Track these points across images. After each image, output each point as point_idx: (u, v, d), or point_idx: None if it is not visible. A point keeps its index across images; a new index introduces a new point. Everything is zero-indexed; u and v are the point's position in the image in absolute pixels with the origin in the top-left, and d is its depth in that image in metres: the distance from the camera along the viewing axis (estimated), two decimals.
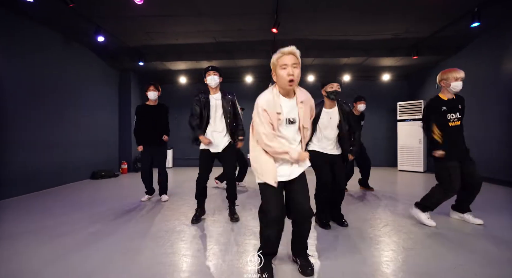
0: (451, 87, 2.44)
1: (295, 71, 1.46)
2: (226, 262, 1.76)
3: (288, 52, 1.46)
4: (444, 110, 2.46)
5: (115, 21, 4.16)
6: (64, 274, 1.62)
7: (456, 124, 2.47)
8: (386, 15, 4.04)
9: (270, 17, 4.06)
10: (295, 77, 1.46)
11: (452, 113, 2.46)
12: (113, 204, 3.32)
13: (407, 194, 3.88)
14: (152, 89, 3.49)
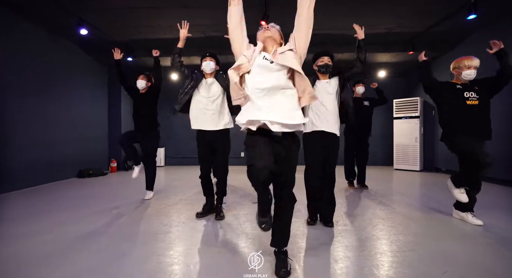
0: (462, 76, 2.38)
1: (271, 27, 1.62)
2: (221, 263, 1.63)
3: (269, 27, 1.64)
4: (459, 88, 2.38)
5: (97, 14, 4.02)
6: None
7: (474, 103, 2.33)
8: (377, 8, 3.90)
9: (260, 10, 3.92)
10: (271, 28, 1.60)
11: (470, 92, 2.35)
12: (98, 205, 3.18)
13: (401, 193, 3.74)
14: (141, 78, 3.37)
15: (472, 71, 2.37)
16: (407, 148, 6.12)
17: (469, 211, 2.42)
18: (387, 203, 3.12)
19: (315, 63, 2.37)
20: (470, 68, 2.37)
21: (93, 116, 5.76)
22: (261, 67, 1.47)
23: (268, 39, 1.59)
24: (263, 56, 1.51)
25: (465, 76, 2.37)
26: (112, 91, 6.34)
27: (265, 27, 1.62)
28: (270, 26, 1.63)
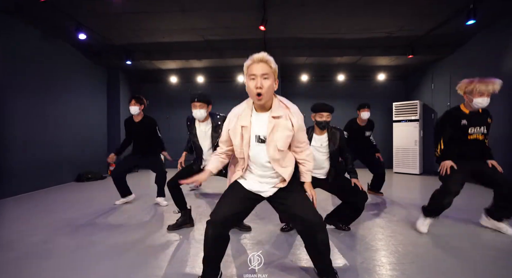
0: (473, 103, 2.10)
1: (265, 83, 1.26)
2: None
3: (258, 59, 1.27)
4: (463, 125, 2.19)
5: (96, 18, 4.00)
6: None
7: (478, 137, 2.20)
8: (378, 12, 3.89)
9: (258, 14, 3.90)
10: (264, 90, 1.25)
11: (476, 127, 2.18)
12: (96, 211, 3.16)
13: (401, 198, 3.72)
14: (133, 104, 3.22)
15: (485, 99, 2.06)
16: (407, 151, 6.11)
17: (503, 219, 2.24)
18: (386, 210, 3.10)
19: (313, 115, 2.27)
20: (483, 95, 2.05)
21: (92, 119, 5.74)
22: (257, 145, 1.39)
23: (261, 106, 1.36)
24: (256, 138, 1.37)
25: (476, 104, 2.10)
26: (111, 93, 6.31)
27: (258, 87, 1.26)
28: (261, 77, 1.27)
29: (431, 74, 5.95)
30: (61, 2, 3.52)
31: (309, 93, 7.15)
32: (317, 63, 6.03)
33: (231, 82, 7.21)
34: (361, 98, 7.00)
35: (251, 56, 1.29)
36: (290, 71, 6.53)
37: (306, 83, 7.03)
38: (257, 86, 1.25)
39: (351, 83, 7.02)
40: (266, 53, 1.30)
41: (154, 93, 7.42)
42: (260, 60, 1.27)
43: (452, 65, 5.25)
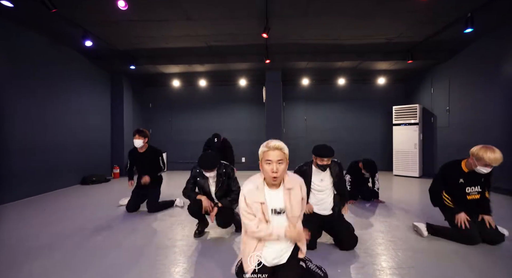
0: (476, 168, 2.19)
1: (280, 167, 1.41)
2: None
3: (274, 147, 1.42)
4: (461, 183, 2.30)
5: (102, 26, 4.09)
6: None
7: (475, 197, 2.32)
8: (377, 20, 3.98)
9: (261, 22, 3.98)
10: (279, 173, 1.41)
11: (472, 186, 2.30)
12: (101, 217, 3.24)
13: (401, 201, 3.80)
14: (138, 137, 3.31)
15: (489, 169, 2.16)
16: (407, 154, 6.19)
17: None
18: (386, 214, 3.18)
19: (315, 157, 2.30)
20: (488, 166, 2.13)
21: (96, 122, 5.83)
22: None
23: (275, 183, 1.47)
24: (273, 211, 1.48)
25: (479, 170, 2.19)
26: (115, 97, 6.40)
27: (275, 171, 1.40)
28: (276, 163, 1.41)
29: (431, 78, 6.03)
30: (68, 11, 3.60)
31: (310, 97, 7.25)
32: (318, 68, 6.11)
33: (233, 85, 7.30)
34: (361, 101, 7.12)
35: (267, 143, 1.45)
36: (292, 75, 6.62)
37: (307, 87, 7.12)
38: (273, 171, 1.40)
39: (351, 87, 7.10)
40: (281, 142, 1.46)
41: (157, 96, 7.52)
42: (276, 148, 1.42)
43: (451, 69, 5.34)
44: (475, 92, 4.72)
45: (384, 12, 3.77)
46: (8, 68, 3.80)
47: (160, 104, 7.53)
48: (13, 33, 3.88)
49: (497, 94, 4.29)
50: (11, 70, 3.85)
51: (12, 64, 3.86)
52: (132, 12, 3.60)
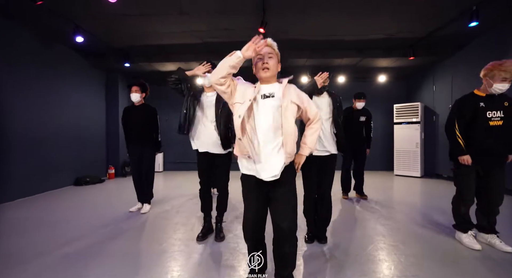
0: (492, 88, 2.04)
1: (270, 61, 1.47)
2: None
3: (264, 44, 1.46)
4: (482, 107, 2.09)
5: (93, 20, 3.94)
6: None
7: (497, 124, 2.07)
8: (377, 14, 3.83)
9: (257, 16, 3.85)
10: (270, 65, 1.46)
11: (493, 111, 2.07)
12: (95, 218, 3.12)
13: (402, 202, 3.68)
14: (135, 90, 3.21)
15: (506, 85, 2.00)
16: (408, 153, 6.06)
17: (492, 233, 2.19)
18: (388, 216, 3.05)
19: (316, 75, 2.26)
20: (506, 81, 1.98)
21: (90, 121, 5.69)
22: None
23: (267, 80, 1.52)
24: (262, 96, 1.48)
25: (495, 89, 2.04)
26: (109, 96, 6.27)
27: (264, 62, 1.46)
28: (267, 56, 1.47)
29: (432, 76, 5.89)
30: (57, 5, 3.47)
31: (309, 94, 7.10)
32: (317, 65, 5.96)
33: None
34: None
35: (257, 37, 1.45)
36: (290, 73, 6.47)
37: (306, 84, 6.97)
38: (264, 62, 1.46)
39: (352, 85, 6.96)
40: (271, 39, 1.51)
41: (153, 94, 7.32)
42: (266, 44, 1.46)
43: (454, 66, 5.19)
44: None
45: (385, 7, 3.63)
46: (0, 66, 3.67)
47: (157, 103, 7.36)
48: (5, 30, 3.74)
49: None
50: (3, 69, 3.72)
51: (3, 63, 3.73)
52: (123, 5, 3.46)
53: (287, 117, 1.41)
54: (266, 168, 1.40)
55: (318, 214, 2.33)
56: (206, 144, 2.36)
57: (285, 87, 1.46)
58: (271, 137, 1.41)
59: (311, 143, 1.53)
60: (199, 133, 2.39)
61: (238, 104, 1.44)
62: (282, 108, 1.41)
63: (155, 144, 3.27)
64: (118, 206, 3.55)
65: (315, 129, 1.55)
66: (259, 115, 1.43)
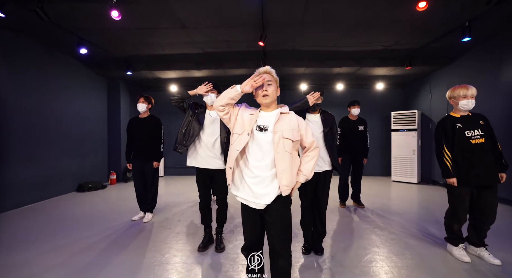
0: (459, 106, 2.25)
1: (269, 88, 1.55)
2: None
3: (263, 71, 1.57)
4: (459, 127, 2.23)
5: (97, 34, 4.06)
6: None
7: (479, 141, 2.17)
8: (374, 29, 3.95)
9: (257, 30, 3.96)
10: (270, 92, 1.54)
11: (471, 130, 2.20)
12: (98, 226, 3.21)
13: (398, 211, 3.77)
14: (142, 101, 3.35)
15: (469, 101, 2.21)
16: (405, 160, 6.15)
17: (482, 246, 2.28)
18: (383, 226, 3.14)
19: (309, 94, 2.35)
20: (466, 97, 2.21)
21: (93, 127, 5.79)
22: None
23: (267, 106, 1.60)
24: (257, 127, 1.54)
25: (462, 106, 2.23)
26: (111, 103, 6.36)
27: (264, 90, 1.54)
28: (266, 84, 1.55)
29: (429, 84, 6.00)
30: (62, 19, 3.58)
31: None
32: (315, 73, 6.08)
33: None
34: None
35: (258, 69, 1.59)
36: (289, 80, 6.59)
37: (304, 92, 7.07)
38: (263, 90, 1.54)
39: (350, 92, 7.07)
40: (269, 66, 1.61)
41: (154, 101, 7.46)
42: (265, 71, 1.57)
43: (450, 75, 5.31)
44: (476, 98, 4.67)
45: (380, 23, 3.74)
46: (3, 74, 3.77)
47: (158, 109, 7.45)
48: (11, 43, 3.85)
49: (496, 101, 4.25)
50: (8, 80, 3.82)
51: (9, 74, 3.83)
52: (127, 21, 3.58)
53: (279, 152, 1.45)
54: (256, 198, 1.47)
55: (315, 227, 2.43)
56: (206, 161, 2.45)
57: (277, 121, 1.50)
58: (263, 170, 1.46)
59: (307, 171, 1.53)
60: (199, 150, 2.48)
61: (236, 135, 1.53)
62: (273, 144, 1.47)
63: (157, 156, 3.36)
64: (121, 214, 3.64)
65: (311, 156, 1.57)
66: (252, 148, 1.49)
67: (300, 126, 1.57)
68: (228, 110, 1.56)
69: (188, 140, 2.47)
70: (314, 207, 2.41)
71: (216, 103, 1.56)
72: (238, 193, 1.53)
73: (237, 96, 1.52)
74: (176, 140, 2.53)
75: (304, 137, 1.58)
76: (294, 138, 1.50)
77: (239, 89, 1.51)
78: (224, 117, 1.57)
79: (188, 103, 2.57)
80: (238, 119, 1.56)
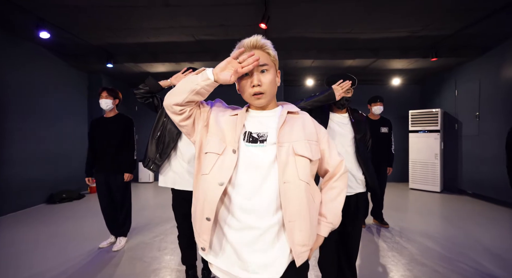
0: None
1: (264, 77, 0.85)
2: None
3: (250, 46, 0.86)
4: None
5: (60, 13, 3.31)
6: None
7: None
8: (403, 7, 3.21)
9: (257, 10, 3.23)
10: (265, 86, 0.85)
11: None
12: (54, 257, 2.48)
13: (434, 234, 3.03)
14: (105, 96, 2.56)
15: None
16: (426, 165, 5.42)
17: None
18: (420, 259, 2.41)
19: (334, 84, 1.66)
20: None
21: (70, 129, 5.06)
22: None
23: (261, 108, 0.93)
24: (247, 135, 0.87)
25: None
26: (93, 100, 5.63)
27: (255, 85, 0.84)
28: (258, 70, 0.84)
29: (454, 79, 5.26)
30: None
31: None
32: (324, 66, 5.34)
33: (227, 87, 6.50)
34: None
35: (241, 42, 0.88)
36: (295, 75, 5.84)
37: (311, 88, 6.35)
38: (254, 84, 0.84)
39: (361, 88, 6.30)
40: (261, 36, 0.87)
41: None
42: (254, 46, 0.86)
43: (482, 68, 4.56)
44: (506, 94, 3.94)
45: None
46: None
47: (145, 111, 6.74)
48: None
49: None
50: None
51: None
52: None
53: (288, 181, 0.77)
54: (248, 271, 0.77)
55: (340, 271, 1.70)
56: (186, 180, 1.73)
57: (283, 124, 0.84)
58: (259, 217, 0.77)
59: (334, 215, 0.89)
60: (174, 165, 1.76)
61: (213, 156, 0.82)
62: (278, 166, 0.79)
63: (128, 165, 2.61)
64: (89, 236, 2.92)
65: (339, 189, 0.91)
66: (240, 176, 0.80)
67: (319, 135, 0.91)
68: (191, 112, 0.86)
69: (163, 151, 1.74)
70: (340, 243, 1.69)
71: (167, 100, 0.83)
72: (217, 260, 0.82)
73: (207, 88, 0.83)
74: (146, 153, 1.80)
75: (326, 155, 0.92)
76: (313, 155, 0.84)
77: (211, 76, 0.81)
78: (182, 124, 0.87)
79: (161, 99, 1.86)
80: (211, 126, 0.87)
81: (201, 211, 0.81)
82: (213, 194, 0.78)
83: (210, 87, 0.82)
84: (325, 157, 0.91)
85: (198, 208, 0.83)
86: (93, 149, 2.65)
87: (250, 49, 0.85)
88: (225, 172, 0.78)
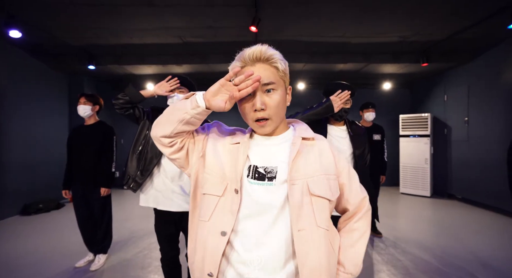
0: None
1: (270, 98, 0.69)
2: None
3: (254, 59, 0.69)
4: None
5: (36, 10, 3.05)
6: None
7: None
8: (393, 13, 3.15)
9: (248, 11, 3.09)
10: (271, 109, 0.69)
11: None
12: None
13: (430, 245, 2.97)
14: (83, 102, 2.35)
15: None
16: (416, 170, 5.42)
17: None
18: (395, 262, 2.32)
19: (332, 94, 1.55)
20: None
21: (49, 134, 4.75)
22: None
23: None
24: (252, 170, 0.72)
25: None
26: (74, 104, 5.32)
27: (257, 109, 0.68)
28: (262, 90, 0.69)
29: (443, 84, 5.29)
30: None
31: (306, 103, 6.38)
32: (315, 70, 5.27)
33: None
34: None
35: (241, 53, 0.72)
36: None
37: (302, 92, 6.26)
38: (256, 108, 0.68)
39: None
40: (267, 46, 0.71)
41: None
42: (257, 59, 0.70)
43: (471, 74, 4.59)
44: (504, 100, 3.96)
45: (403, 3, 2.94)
46: None
47: None
48: None
49: None
50: None
51: None
52: None
53: (304, 229, 0.63)
54: None
55: None
56: (170, 200, 1.56)
57: (296, 156, 0.69)
58: (265, 271, 0.64)
59: (354, 266, 0.74)
60: (156, 183, 1.59)
61: (212, 198, 0.69)
62: (290, 210, 0.64)
63: (105, 179, 2.40)
64: (64, 253, 2.68)
65: (360, 232, 0.77)
66: (244, 222, 0.66)
67: (339, 167, 0.76)
68: (182, 142, 0.71)
69: (145, 168, 1.57)
70: None
71: (154, 132, 0.69)
72: None
73: (199, 117, 0.69)
74: (126, 169, 1.61)
75: (346, 190, 0.77)
76: (332, 194, 0.70)
77: (201, 103, 0.68)
78: (173, 157, 0.72)
79: (143, 109, 1.69)
80: (208, 158, 0.72)
81: (200, 263, 0.67)
82: (216, 246, 0.65)
83: (202, 116, 0.68)
84: (345, 193, 0.77)
85: (197, 260, 0.69)
86: (71, 160, 2.43)
87: (253, 63, 0.69)
88: (228, 219, 0.65)
